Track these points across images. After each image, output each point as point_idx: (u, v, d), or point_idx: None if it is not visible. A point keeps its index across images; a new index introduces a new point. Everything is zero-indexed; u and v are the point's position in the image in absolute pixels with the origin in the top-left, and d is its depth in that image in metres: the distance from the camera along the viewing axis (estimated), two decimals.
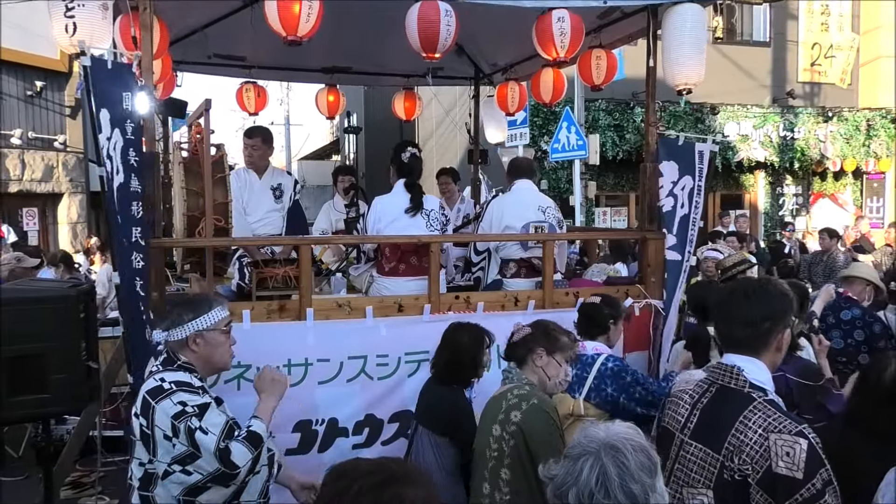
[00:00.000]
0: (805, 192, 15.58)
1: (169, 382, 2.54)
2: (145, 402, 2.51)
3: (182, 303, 2.80)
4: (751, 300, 2.05)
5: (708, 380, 2.10)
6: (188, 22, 5.35)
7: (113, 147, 3.20)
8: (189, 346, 2.65)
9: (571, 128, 10.59)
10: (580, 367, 3.29)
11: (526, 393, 2.73)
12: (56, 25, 3.12)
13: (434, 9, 3.75)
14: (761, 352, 2.04)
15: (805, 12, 15.36)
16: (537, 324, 2.96)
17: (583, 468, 1.47)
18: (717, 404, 2.03)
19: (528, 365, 2.87)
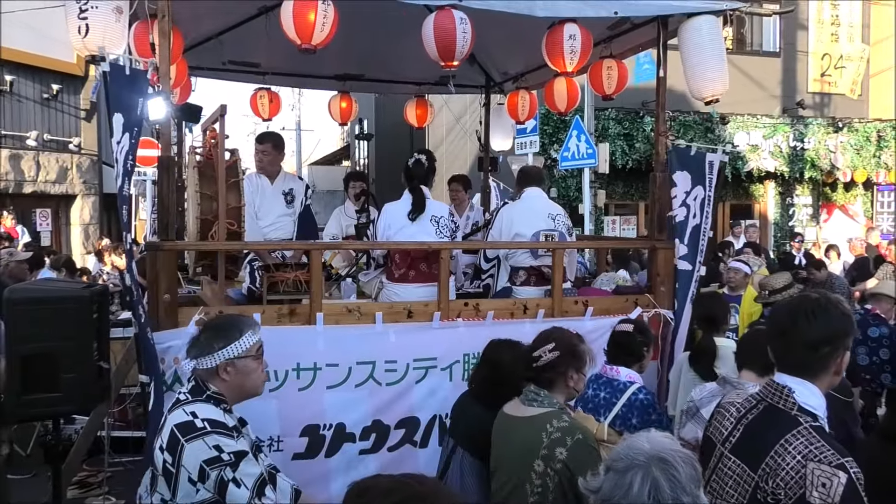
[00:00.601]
0: (815, 202, 15.54)
1: (202, 420, 2.33)
2: (174, 437, 2.31)
3: (211, 328, 2.58)
4: (810, 321, 1.93)
5: (758, 396, 2.04)
6: (204, 29, 5.42)
7: (121, 151, 3.25)
8: (219, 375, 2.47)
9: (581, 136, 10.61)
10: (610, 391, 3.23)
11: (568, 426, 2.59)
12: (70, 26, 3.17)
13: (450, 18, 3.79)
14: (818, 375, 1.95)
15: (815, 23, 15.36)
16: (560, 343, 2.77)
17: (633, 482, 1.45)
18: (761, 423, 1.97)
19: (558, 387, 2.74)
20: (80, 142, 13.40)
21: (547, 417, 2.62)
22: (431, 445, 3.93)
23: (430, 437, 3.95)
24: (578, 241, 6.92)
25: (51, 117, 12.99)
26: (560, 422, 2.59)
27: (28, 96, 12.53)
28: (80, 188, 13.40)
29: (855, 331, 2.03)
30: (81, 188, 13.41)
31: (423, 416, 3.93)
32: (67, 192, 13.24)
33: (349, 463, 3.78)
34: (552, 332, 2.85)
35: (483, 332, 3.98)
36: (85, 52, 3.25)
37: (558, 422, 2.59)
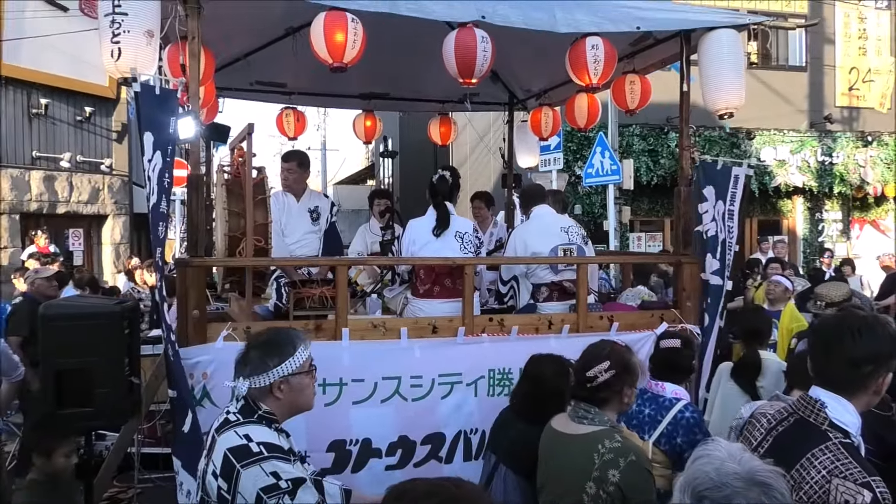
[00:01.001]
0: (845, 217, 15.32)
1: (257, 444, 2.24)
2: (228, 463, 2.21)
3: (264, 345, 2.45)
4: (856, 339, 1.91)
5: (790, 408, 2.03)
6: (232, 50, 5.54)
7: (153, 169, 3.33)
8: (273, 393, 2.36)
9: (605, 153, 10.61)
10: (655, 408, 3.13)
11: (621, 446, 2.49)
12: (104, 50, 3.27)
13: (471, 35, 3.84)
14: (857, 394, 1.93)
15: (842, 37, 15.23)
16: (615, 360, 2.66)
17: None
18: (791, 435, 1.96)
19: (611, 405, 2.65)
20: (112, 163, 13.70)
21: (598, 437, 2.54)
22: (456, 461, 3.94)
23: (456, 452, 3.95)
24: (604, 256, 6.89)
25: (83, 139, 13.30)
26: (612, 442, 2.50)
27: (62, 119, 12.85)
28: (112, 208, 13.67)
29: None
30: (112, 208, 13.68)
31: (448, 431, 3.93)
32: (99, 212, 13.51)
33: (375, 478, 3.78)
34: (603, 349, 2.72)
35: (508, 347, 4.01)
36: (117, 75, 3.35)
37: (610, 442, 2.50)
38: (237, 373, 2.41)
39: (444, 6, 3.85)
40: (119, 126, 13.68)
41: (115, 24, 3.24)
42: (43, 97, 12.38)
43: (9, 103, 11.98)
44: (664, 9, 5.13)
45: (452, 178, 4.55)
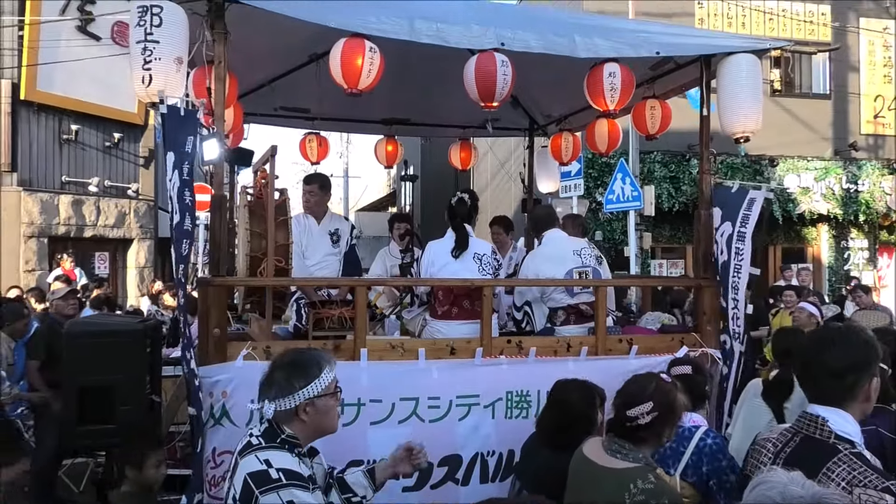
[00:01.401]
0: (872, 245, 15.11)
1: (277, 470, 2.21)
2: (247, 488, 2.19)
3: (288, 365, 2.40)
4: (832, 351, 1.98)
5: (793, 429, 2.05)
6: (257, 76, 5.65)
7: (173, 188, 3.40)
8: (298, 416, 2.32)
9: (626, 179, 10.61)
10: (676, 439, 2.97)
11: (654, 489, 2.38)
12: (135, 77, 3.37)
13: (491, 60, 3.88)
14: (848, 404, 1.98)
15: (866, 64, 15.17)
16: (659, 401, 2.55)
17: None
18: (800, 454, 1.97)
19: (649, 444, 2.56)
20: (139, 188, 13.96)
21: (632, 475, 2.42)
22: (473, 483, 3.91)
23: (472, 474, 3.92)
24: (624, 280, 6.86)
25: (111, 164, 13.60)
26: (646, 483, 2.39)
27: (91, 144, 13.15)
28: (137, 232, 13.89)
29: (880, 357, 2.04)
30: (138, 232, 13.90)
31: (465, 453, 3.90)
32: (125, 236, 13.74)
33: (392, 499, 3.76)
34: (647, 386, 2.60)
35: (526, 369, 4.00)
36: (147, 100, 3.43)
37: (644, 483, 2.39)
38: (261, 395, 2.36)
39: (464, 33, 3.90)
40: (146, 152, 13.97)
41: (147, 51, 3.33)
42: (73, 123, 12.71)
43: (41, 129, 12.31)
44: (684, 34, 5.16)
45: (471, 200, 4.57)
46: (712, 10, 14.09)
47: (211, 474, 3.67)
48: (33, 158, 12.20)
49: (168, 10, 3.35)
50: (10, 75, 11.81)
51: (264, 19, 4.01)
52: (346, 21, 3.74)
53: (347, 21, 3.74)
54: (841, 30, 14.60)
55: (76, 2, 12.48)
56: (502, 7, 6.33)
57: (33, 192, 12.08)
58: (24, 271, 11.88)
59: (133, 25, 3.36)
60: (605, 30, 4.46)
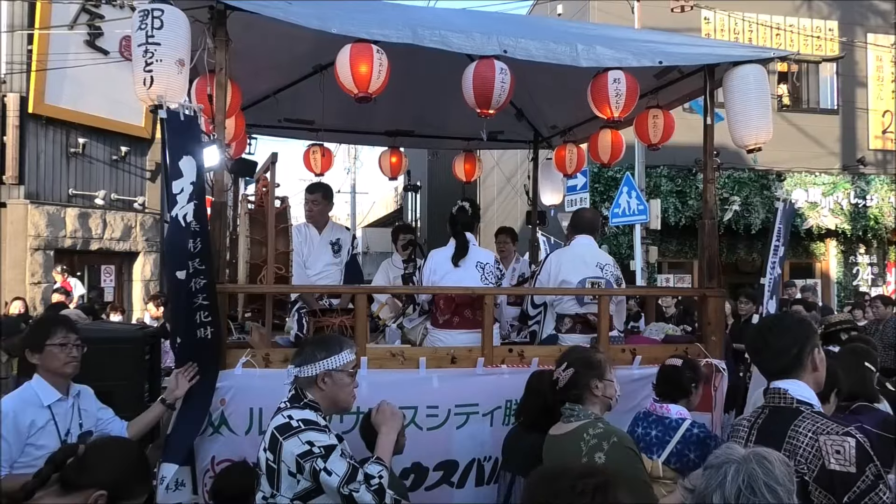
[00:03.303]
0: (881, 261, 15.00)
1: (297, 420, 2.60)
2: (273, 438, 2.58)
3: (315, 342, 2.92)
4: (774, 333, 2.32)
5: (762, 406, 2.31)
6: (261, 87, 5.67)
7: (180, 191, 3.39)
8: (317, 384, 2.71)
9: (632, 192, 10.59)
10: (661, 429, 3.23)
11: (603, 431, 2.73)
12: (136, 79, 3.37)
13: (490, 66, 3.87)
14: (800, 374, 2.27)
15: (874, 80, 15.14)
16: (573, 360, 2.96)
17: (727, 472, 1.63)
18: (770, 421, 2.23)
19: (588, 400, 2.88)
20: (145, 201, 14.00)
21: (584, 427, 2.77)
22: (468, 486, 3.93)
23: (468, 478, 3.93)
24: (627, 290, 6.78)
25: (118, 178, 13.65)
26: (595, 429, 2.74)
27: (98, 158, 13.21)
28: (143, 245, 13.92)
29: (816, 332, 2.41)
30: (144, 245, 13.93)
31: (461, 459, 3.89)
32: (131, 249, 13.76)
33: None
34: (565, 353, 3.09)
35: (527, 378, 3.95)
36: (149, 103, 3.43)
37: (594, 429, 2.74)
38: (290, 363, 2.79)
39: (467, 39, 3.89)
40: (153, 165, 14.03)
41: (148, 53, 3.34)
42: (81, 136, 12.77)
43: (48, 142, 12.38)
44: (688, 43, 5.16)
45: (472, 208, 4.55)
46: (719, 24, 14.12)
47: (210, 483, 3.62)
48: (40, 171, 12.27)
49: (169, 13, 3.36)
50: (18, 89, 11.90)
51: (267, 29, 4.03)
52: (349, 28, 3.74)
53: (350, 28, 3.74)
54: (848, 45, 14.60)
55: (85, 15, 12.60)
56: (506, 17, 6.34)
57: (40, 204, 12.13)
58: (31, 283, 11.90)
59: (134, 29, 3.36)
60: (607, 39, 4.46)
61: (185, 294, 3.43)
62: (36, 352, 3.10)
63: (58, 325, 3.20)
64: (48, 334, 3.12)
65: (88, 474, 2.06)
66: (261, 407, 3.62)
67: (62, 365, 3.12)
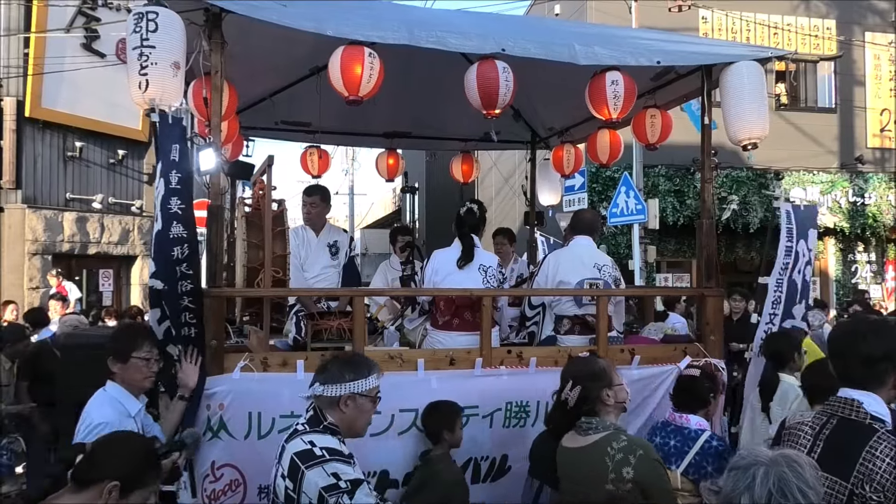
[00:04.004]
0: (879, 259, 15.01)
1: (320, 448, 2.43)
2: (294, 465, 2.41)
3: (342, 361, 2.69)
4: (868, 339, 2.15)
5: (826, 412, 2.20)
6: (258, 90, 5.65)
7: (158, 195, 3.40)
8: (339, 406, 2.55)
9: (630, 192, 10.59)
10: (681, 439, 3.21)
11: (627, 444, 2.67)
12: (132, 82, 3.36)
13: (492, 67, 3.86)
14: (878, 389, 2.14)
15: (872, 78, 15.15)
16: (578, 375, 2.87)
17: (755, 474, 1.58)
18: (840, 435, 2.12)
19: (602, 411, 2.81)
20: (143, 204, 13.99)
21: (606, 441, 2.68)
22: None
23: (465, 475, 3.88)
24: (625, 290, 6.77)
25: (115, 181, 13.64)
26: (619, 442, 2.66)
27: (95, 161, 13.20)
28: (141, 249, 13.90)
29: None
30: (142, 249, 13.91)
31: (459, 458, 3.85)
32: (128, 252, 13.75)
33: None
34: (566, 369, 2.97)
35: (526, 380, 3.95)
36: (144, 105, 3.42)
37: (617, 443, 2.66)
38: (313, 381, 2.60)
39: (464, 39, 3.88)
40: (150, 168, 14.00)
41: (143, 56, 3.32)
42: (78, 140, 12.76)
43: (45, 146, 12.37)
44: (685, 42, 5.14)
45: (479, 211, 4.53)
46: (717, 24, 14.12)
47: (210, 488, 3.61)
48: (38, 175, 12.25)
49: (164, 16, 3.34)
50: (15, 92, 11.88)
51: (263, 31, 4.01)
52: (344, 30, 3.73)
53: (345, 30, 3.73)
54: (846, 44, 14.60)
55: (82, 18, 12.58)
56: (503, 18, 6.33)
57: (37, 208, 12.12)
58: (29, 288, 11.89)
59: (129, 32, 3.35)
60: (605, 38, 4.45)
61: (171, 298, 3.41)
62: (119, 361, 3.14)
63: (144, 338, 3.24)
64: (135, 346, 3.15)
65: (99, 469, 2.13)
66: (259, 411, 3.61)
67: (142, 378, 3.18)
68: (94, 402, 3.10)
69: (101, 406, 3.07)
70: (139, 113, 12.65)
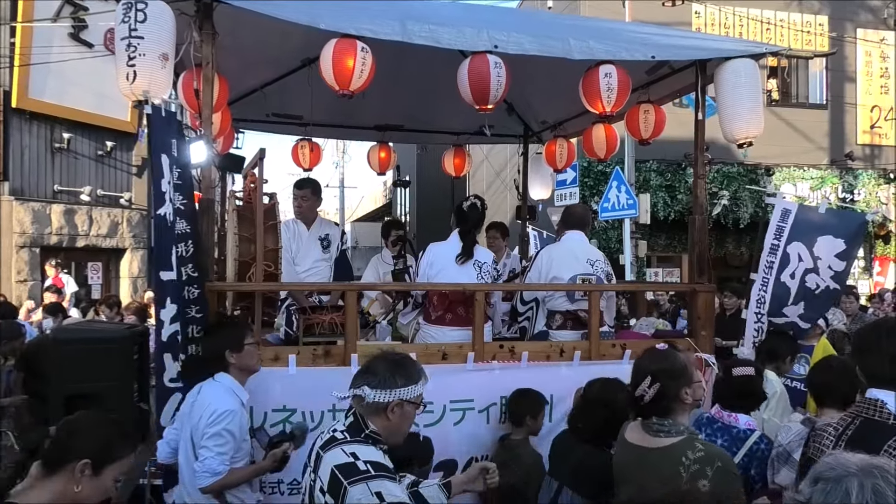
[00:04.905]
0: (868, 255, 15.12)
1: (364, 462, 2.22)
2: (335, 480, 2.20)
3: (391, 362, 2.41)
4: (893, 338, 2.14)
5: (851, 413, 2.20)
6: (249, 82, 5.60)
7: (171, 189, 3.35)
8: (386, 413, 2.32)
9: (622, 187, 10.60)
10: (728, 439, 3.12)
11: (704, 455, 2.45)
12: (119, 73, 3.32)
13: (484, 62, 3.84)
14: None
15: (863, 75, 15.21)
16: (657, 371, 2.58)
17: (850, 487, 1.49)
18: (863, 434, 2.12)
19: (677, 411, 2.58)
20: (131, 197, 13.88)
21: (681, 449, 2.47)
22: None
23: None
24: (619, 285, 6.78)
25: (104, 173, 13.50)
26: (695, 452, 2.45)
27: (83, 153, 13.06)
28: (130, 242, 13.80)
29: None
30: (131, 242, 13.81)
31: (460, 458, 3.87)
32: (118, 245, 13.64)
33: None
34: (642, 363, 2.67)
35: (519, 374, 3.95)
36: (132, 98, 3.38)
37: (693, 452, 2.45)
38: (357, 382, 2.36)
39: (457, 35, 3.85)
40: (139, 160, 13.89)
41: (131, 47, 3.28)
42: (66, 131, 12.61)
43: (33, 137, 12.22)
44: (680, 36, 5.13)
45: (482, 207, 4.53)
46: (709, 19, 14.13)
47: None
48: (25, 167, 12.11)
49: (153, 6, 3.30)
50: (1, 83, 11.74)
51: (255, 22, 3.96)
52: (337, 23, 3.69)
53: (338, 23, 3.69)
54: (838, 40, 14.65)
55: (69, 7, 12.44)
56: (497, 10, 6.30)
57: (25, 201, 11.99)
58: (17, 282, 11.78)
59: (117, 23, 3.31)
60: (599, 32, 4.43)
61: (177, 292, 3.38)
62: (236, 351, 3.26)
63: (246, 327, 3.52)
64: (244, 335, 3.32)
65: (67, 450, 2.10)
66: (251, 406, 3.59)
67: (255, 363, 3.36)
68: (211, 393, 3.19)
69: (222, 396, 3.17)
70: (128, 104, 12.49)
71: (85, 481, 2.08)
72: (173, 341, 3.47)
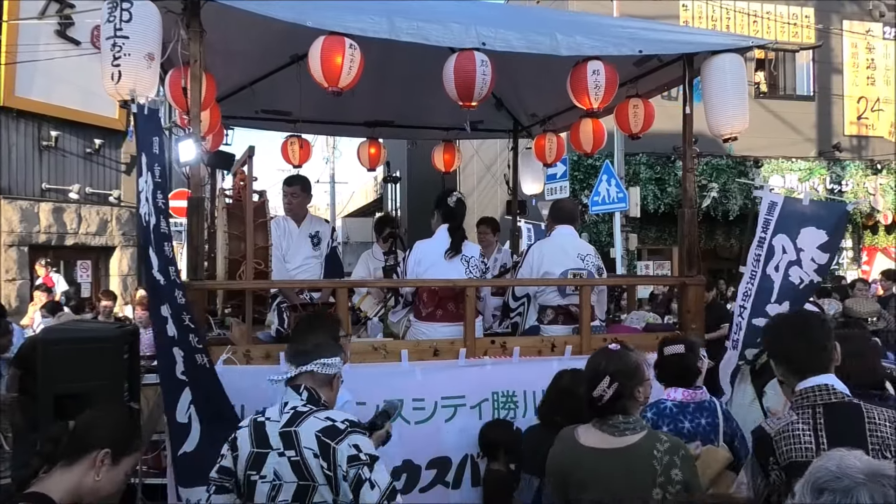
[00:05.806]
0: (856, 245, 15.23)
1: (341, 422, 2.42)
2: (323, 443, 2.37)
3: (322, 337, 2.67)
4: (814, 330, 2.40)
5: (803, 403, 2.28)
6: (237, 79, 5.58)
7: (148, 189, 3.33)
8: (332, 384, 2.55)
9: (612, 180, 10.62)
10: (708, 415, 3.18)
11: (670, 444, 2.52)
12: (104, 73, 3.30)
13: (470, 59, 3.84)
14: (831, 368, 2.34)
15: (850, 66, 15.29)
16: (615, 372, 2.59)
17: (858, 496, 1.43)
18: (835, 419, 2.22)
19: (632, 407, 2.61)
20: (120, 194, 13.78)
21: (650, 442, 2.51)
22: (465, 486, 3.88)
23: (463, 477, 3.89)
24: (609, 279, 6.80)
25: (93, 171, 13.40)
26: (662, 444, 2.51)
27: (72, 151, 12.95)
28: (119, 240, 13.72)
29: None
30: (120, 240, 13.73)
31: (454, 456, 3.87)
32: (107, 243, 13.55)
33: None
34: (599, 364, 2.66)
35: (510, 369, 3.96)
36: (118, 97, 3.37)
37: (661, 444, 2.51)
38: (307, 358, 2.50)
39: (444, 32, 3.85)
40: (128, 158, 13.78)
41: (116, 47, 3.27)
42: (53, 129, 12.50)
43: (20, 135, 12.11)
44: (667, 31, 5.15)
45: (464, 202, 4.55)
46: (696, 12, 14.16)
47: None
48: (12, 165, 12.00)
49: (139, 6, 3.28)
50: None
51: (242, 19, 3.95)
52: (324, 21, 3.69)
53: (325, 21, 3.69)
54: (824, 32, 14.71)
55: (55, 4, 12.32)
56: (484, 5, 6.30)
57: (13, 199, 11.89)
58: (6, 280, 11.69)
59: (103, 22, 3.29)
60: (587, 27, 4.44)
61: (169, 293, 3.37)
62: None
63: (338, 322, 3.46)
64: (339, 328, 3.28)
65: (89, 439, 2.18)
66: (242, 404, 3.59)
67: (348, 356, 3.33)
68: None
69: None
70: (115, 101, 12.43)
71: (104, 471, 2.16)
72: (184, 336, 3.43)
